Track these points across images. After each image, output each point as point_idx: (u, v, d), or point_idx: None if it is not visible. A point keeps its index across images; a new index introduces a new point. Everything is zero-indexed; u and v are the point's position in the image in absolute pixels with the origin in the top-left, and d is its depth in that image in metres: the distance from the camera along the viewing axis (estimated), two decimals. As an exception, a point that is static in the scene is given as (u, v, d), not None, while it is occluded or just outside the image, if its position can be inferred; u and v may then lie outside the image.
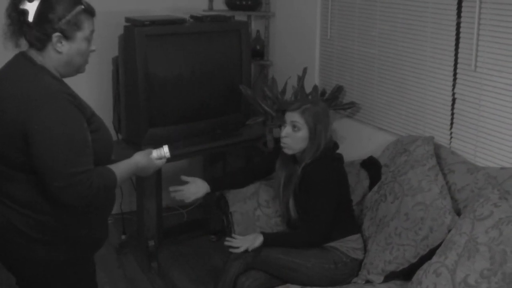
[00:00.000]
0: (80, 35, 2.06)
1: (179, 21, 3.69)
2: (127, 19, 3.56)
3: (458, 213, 2.57)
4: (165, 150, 2.36)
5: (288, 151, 2.84)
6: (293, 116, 2.80)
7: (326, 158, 2.80)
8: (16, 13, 2.01)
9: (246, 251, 2.73)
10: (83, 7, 2.06)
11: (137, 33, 3.44)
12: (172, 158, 2.37)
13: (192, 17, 3.84)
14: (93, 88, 4.06)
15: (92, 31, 2.11)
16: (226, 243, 2.79)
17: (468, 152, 2.89)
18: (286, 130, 2.81)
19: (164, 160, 2.36)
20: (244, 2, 4.32)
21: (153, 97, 3.56)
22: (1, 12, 2.08)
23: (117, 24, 3.61)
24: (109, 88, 3.89)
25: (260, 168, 3.15)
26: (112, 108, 3.80)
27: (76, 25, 2.04)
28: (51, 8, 2.00)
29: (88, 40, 2.10)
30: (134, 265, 3.83)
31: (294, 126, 2.79)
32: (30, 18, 1.99)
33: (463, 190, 2.69)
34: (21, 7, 2.00)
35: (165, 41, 3.61)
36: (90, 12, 2.09)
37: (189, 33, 3.73)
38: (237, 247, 2.75)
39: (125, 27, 3.53)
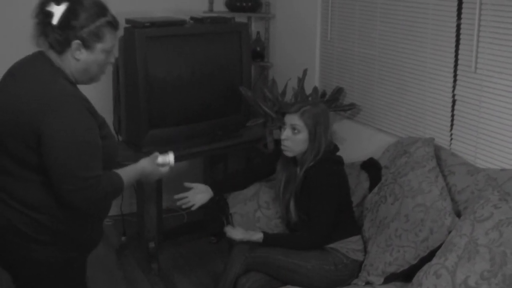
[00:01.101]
0: (100, 46, 2.07)
1: (180, 23, 3.69)
2: (127, 21, 3.56)
3: (458, 214, 2.57)
4: (170, 158, 2.35)
5: (289, 154, 2.84)
6: (292, 119, 2.80)
7: (327, 161, 2.80)
8: (42, 13, 2.03)
9: (244, 243, 2.77)
10: (107, 19, 2.07)
11: (138, 35, 3.45)
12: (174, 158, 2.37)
13: (192, 18, 3.85)
14: (93, 89, 4.03)
15: (114, 45, 2.12)
16: (225, 229, 2.82)
17: (468, 154, 2.89)
18: (286, 133, 2.81)
19: (167, 168, 2.36)
20: (244, 4, 4.32)
21: (153, 98, 3.56)
22: (22, 12, 2.11)
23: (118, 25, 3.61)
24: (109, 90, 3.89)
25: (261, 169, 3.15)
26: (112, 110, 3.81)
27: (98, 36, 2.05)
28: (75, 14, 2.01)
29: (107, 52, 2.11)
30: (134, 266, 3.83)
31: (293, 129, 2.79)
32: (55, 21, 2.00)
33: (463, 191, 2.69)
34: (47, 8, 2.01)
35: (165, 42, 3.61)
36: (114, 25, 2.10)
37: (190, 35, 3.73)
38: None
39: (125, 29, 3.53)
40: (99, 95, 4.02)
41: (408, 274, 2.57)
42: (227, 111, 3.90)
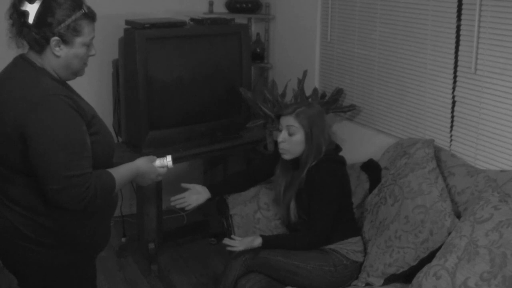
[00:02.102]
0: (79, 40, 2.04)
1: (180, 24, 3.69)
2: (128, 22, 3.57)
3: (458, 215, 2.57)
4: (168, 159, 2.33)
5: (287, 157, 2.83)
6: (288, 121, 2.79)
7: (329, 160, 2.80)
8: (17, 14, 2.00)
9: (244, 251, 2.73)
10: (83, 11, 2.04)
11: (138, 36, 3.45)
12: (173, 161, 2.36)
13: (192, 20, 3.85)
14: (93, 90, 4.06)
15: (92, 37, 2.09)
16: (224, 241, 2.79)
17: (468, 155, 2.89)
18: (282, 135, 2.80)
19: (165, 169, 2.34)
20: (244, 5, 4.32)
21: (153, 99, 3.56)
22: (3, 12, 2.09)
23: (118, 27, 3.62)
24: (110, 91, 3.90)
25: (260, 171, 3.14)
26: (112, 111, 3.81)
27: (76, 31, 2.02)
28: (50, 11, 1.98)
29: (87, 45, 2.08)
30: (134, 268, 3.83)
31: (289, 130, 2.78)
32: (30, 20, 1.98)
33: (463, 192, 2.69)
34: (22, 8, 1.98)
35: (165, 44, 3.61)
36: (91, 17, 2.07)
37: (189, 36, 3.73)
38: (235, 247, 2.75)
39: (126, 30, 3.53)
40: (99, 96, 4.04)
41: (408, 275, 2.57)
42: (227, 112, 3.90)
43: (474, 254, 2.23)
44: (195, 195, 2.99)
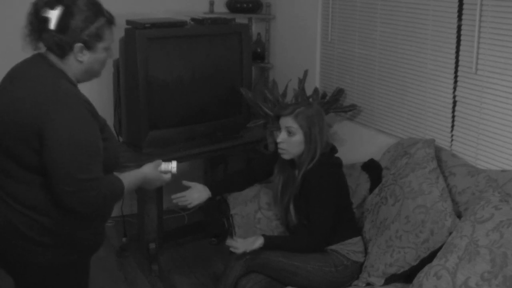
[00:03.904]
0: (101, 45, 2.08)
1: (180, 24, 3.69)
2: (128, 22, 3.57)
3: (459, 215, 2.57)
4: (172, 165, 2.36)
5: (286, 156, 2.83)
6: (287, 121, 2.79)
7: (325, 163, 2.79)
8: (37, 19, 2.02)
9: (245, 252, 2.73)
10: (106, 18, 2.08)
11: (138, 36, 3.45)
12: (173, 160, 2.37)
13: (193, 19, 3.85)
14: (93, 90, 4.03)
15: (112, 41, 2.14)
16: (227, 242, 2.78)
17: (469, 155, 2.89)
18: (282, 136, 2.80)
19: (169, 175, 2.37)
20: (245, 5, 4.33)
21: (153, 99, 3.56)
22: (19, 14, 2.11)
23: (118, 26, 3.56)
24: (110, 91, 3.89)
25: (260, 170, 3.14)
26: (113, 111, 3.80)
27: (99, 36, 2.06)
28: (73, 17, 2.01)
29: (108, 49, 2.12)
30: (135, 267, 3.83)
31: (289, 131, 2.78)
32: (52, 25, 2.00)
33: (463, 192, 2.69)
34: (43, 14, 2.00)
35: (166, 43, 3.61)
36: (112, 22, 2.12)
37: (190, 36, 3.73)
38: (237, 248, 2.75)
39: (126, 30, 3.53)
40: (100, 96, 4.03)
41: (409, 275, 2.57)
42: (227, 112, 3.90)
43: (475, 254, 2.23)
44: (197, 194, 2.99)
